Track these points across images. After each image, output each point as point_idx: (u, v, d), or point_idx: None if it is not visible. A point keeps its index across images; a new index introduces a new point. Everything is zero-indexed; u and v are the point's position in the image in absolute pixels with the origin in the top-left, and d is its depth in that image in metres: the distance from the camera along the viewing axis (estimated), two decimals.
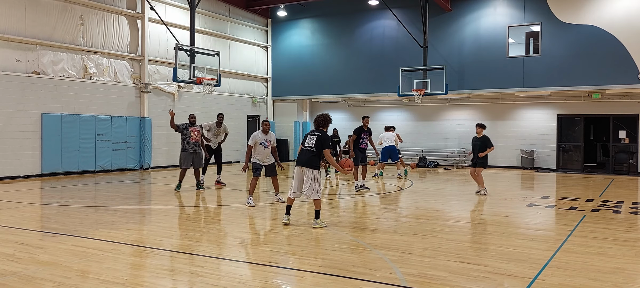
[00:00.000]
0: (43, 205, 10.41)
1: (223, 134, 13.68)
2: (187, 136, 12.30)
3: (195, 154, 12.39)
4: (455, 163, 21.60)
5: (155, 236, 7.52)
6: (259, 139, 10.01)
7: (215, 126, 13.38)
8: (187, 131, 12.31)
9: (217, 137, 13.52)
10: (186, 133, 12.31)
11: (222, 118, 13.56)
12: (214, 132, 13.40)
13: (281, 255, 6.36)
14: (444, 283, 5.09)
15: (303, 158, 7.92)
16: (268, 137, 10.12)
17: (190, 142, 12.29)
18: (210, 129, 13.36)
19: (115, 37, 18.01)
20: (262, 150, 10.08)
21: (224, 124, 13.59)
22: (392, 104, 23.31)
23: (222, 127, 13.52)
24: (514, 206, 10.51)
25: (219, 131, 13.50)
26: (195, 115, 12.80)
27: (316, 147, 7.89)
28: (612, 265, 5.82)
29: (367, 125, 13.22)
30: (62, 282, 5.10)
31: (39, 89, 15.74)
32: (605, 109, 19.44)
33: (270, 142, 10.15)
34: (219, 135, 13.55)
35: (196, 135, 12.41)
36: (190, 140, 12.29)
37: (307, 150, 7.93)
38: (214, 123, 13.42)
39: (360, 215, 9.65)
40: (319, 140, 7.92)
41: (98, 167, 17.15)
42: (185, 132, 12.31)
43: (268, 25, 24.93)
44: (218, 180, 13.65)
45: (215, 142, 13.50)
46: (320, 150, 7.89)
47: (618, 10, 17.91)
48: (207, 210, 10.23)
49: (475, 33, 20.41)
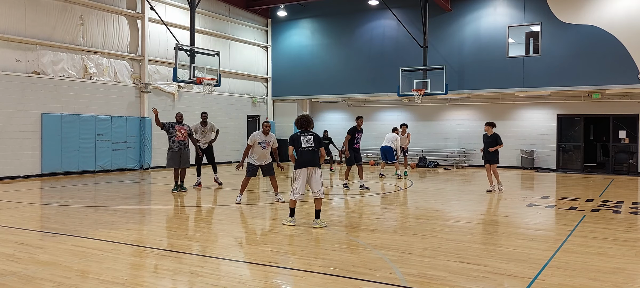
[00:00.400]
0: (43, 205, 10.41)
1: (211, 132, 13.43)
2: (173, 135, 12.09)
3: (181, 153, 12.14)
4: (455, 163, 21.60)
5: (155, 236, 7.52)
6: (257, 139, 10.11)
7: (201, 126, 13.21)
8: (173, 130, 12.09)
9: (205, 137, 13.31)
10: (172, 132, 12.09)
11: (206, 116, 13.35)
12: (201, 132, 13.22)
13: (281, 255, 6.36)
14: (444, 283, 5.09)
15: (309, 159, 7.96)
16: (268, 138, 10.20)
17: (175, 141, 12.06)
18: (197, 130, 13.17)
19: (115, 37, 18.01)
20: (260, 151, 10.17)
21: (209, 122, 13.38)
22: (392, 104, 23.30)
23: (208, 126, 13.31)
24: (514, 206, 10.51)
25: (206, 130, 13.29)
26: (182, 113, 12.57)
27: (316, 146, 8.05)
28: (612, 265, 5.81)
29: (361, 126, 13.25)
30: (62, 282, 5.10)
31: (39, 89, 15.74)
32: (605, 109, 19.44)
33: (269, 143, 10.23)
34: (207, 134, 13.34)
35: (182, 134, 12.16)
36: (175, 139, 12.06)
37: (310, 150, 7.99)
38: (198, 123, 13.25)
39: (360, 215, 9.64)
40: (316, 139, 8.10)
41: (98, 167, 17.15)
42: (171, 131, 12.09)
43: (268, 25, 24.93)
44: (216, 179, 13.60)
45: (205, 141, 13.31)
46: (318, 147, 8.08)
47: (618, 10, 17.91)
48: (207, 210, 10.23)
49: (475, 33, 20.41)
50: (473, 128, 21.67)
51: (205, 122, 13.26)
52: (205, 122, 13.25)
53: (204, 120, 13.25)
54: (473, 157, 21.46)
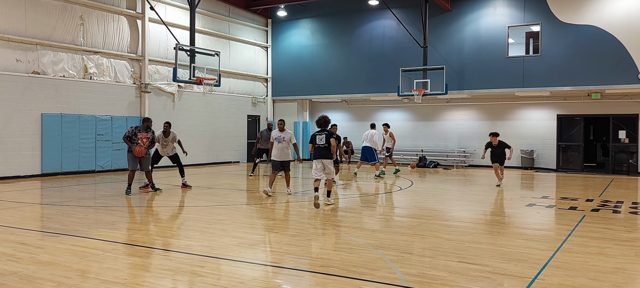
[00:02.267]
0: (43, 205, 10.41)
1: (172, 144, 12.67)
2: (135, 143, 11.58)
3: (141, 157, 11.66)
4: (455, 164, 21.60)
5: (155, 236, 7.53)
6: (274, 135, 11.66)
7: (163, 136, 12.49)
8: (136, 138, 11.60)
9: (166, 147, 12.58)
10: (134, 140, 11.60)
11: (169, 127, 12.62)
12: (162, 141, 12.50)
13: (281, 255, 6.36)
14: (443, 283, 5.09)
15: (322, 154, 10.13)
16: (283, 135, 11.55)
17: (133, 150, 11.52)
18: (159, 139, 12.44)
19: (115, 37, 18.02)
20: (277, 146, 11.54)
21: (172, 132, 12.65)
22: (392, 104, 23.31)
23: (170, 136, 12.56)
24: (514, 206, 10.52)
25: (168, 141, 12.55)
26: (151, 119, 12.06)
27: (327, 143, 10.12)
28: (612, 265, 5.82)
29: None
30: (62, 282, 5.10)
31: (39, 88, 15.74)
32: (605, 109, 19.44)
33: (284, 138, 11.52)
34: (168, 145, 12.59)
35: (144, 143, 11.62)
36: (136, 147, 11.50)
37: (323, 147, 10.14)
38: (160, 132, 12.52)
39: (360, 215, 9.65)
40: (328, 136, 10.14)
41: (98, 167, 17.15)
42: (134, 139, 11.60)
43: (268, 25, 24.93)
44: (184, 183, 12.91)
45: (164, 152, 12.62)
46: (329, 143, 10.11)
47: (618, 10, 17.91)
48: (206, 210, 10.23)
49: (475, 33, 20.41)
50: (473, 128, 21.68)
51: (168, 132, 12.53)
52: (167, 132, 12.52)
53: (166, 130, 12.51)
54: (473, 157, 21.47)
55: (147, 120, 11.86)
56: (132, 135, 11.60)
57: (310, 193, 11.75)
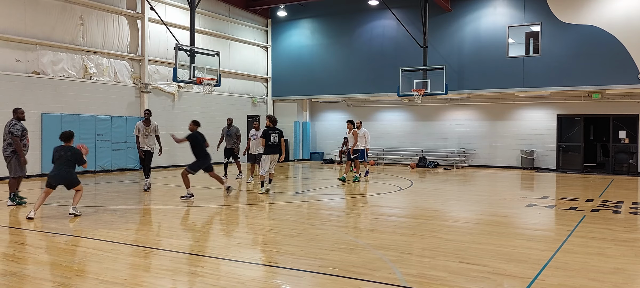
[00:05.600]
0: (43, 205, 10.40)
1: (153, 134, 12.17)
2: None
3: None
4: (455, 164, 21.60)
5: (155, 236, 7.52)
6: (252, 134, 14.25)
7: (143, 124, 12.05)
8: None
9: (147, 138, 12.07)
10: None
11: (149, 114, 12.16)
12: (143, 131, 12.03)
13: (281, 255, 6.36)
14: (443, 283, 5.09)
15: (275, 150, 11.75)
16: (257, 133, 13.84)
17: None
18: (139, 128, 12.01)
19: (115, 37, 18.01)
20: (252, 142, 14.14)
21: (153, 122, 12.21)
22: (391, 104, 23.30)
23: (151, 126, 12.08)
24: (513, 206, 10.51)
25: (149, 130, 12.06)
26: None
27: (279, 141, 11.76)
28: (612, 266, 5.81)
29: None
30: (62, 282, 5.09)
31: (38, 89, 15.73)
32: (605, 109, 19.44)
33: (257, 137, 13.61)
34: (149, 135, 12.10)
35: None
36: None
37: (277, 144, 11.74)
38: (141, 122, 12.11)
39: (360, 215, 9.64)
40: (280, 135, 11.83)
41: (98, 167, 17.14)
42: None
43: (268, 25, 24.93)
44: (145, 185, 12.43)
45: (145, 143, 12.07)
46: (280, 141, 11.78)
47: (618, 10, 17.91)
48: (206, 210, 10.22)
49: (475, 33, 20.40)
50: (473, 128, 21.67)
51: (148, 121, 12.07)
52: (148, 121, 12.06)
53: (147, 118, 12.05)
54: (473, 157, 21.47)
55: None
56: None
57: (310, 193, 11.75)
